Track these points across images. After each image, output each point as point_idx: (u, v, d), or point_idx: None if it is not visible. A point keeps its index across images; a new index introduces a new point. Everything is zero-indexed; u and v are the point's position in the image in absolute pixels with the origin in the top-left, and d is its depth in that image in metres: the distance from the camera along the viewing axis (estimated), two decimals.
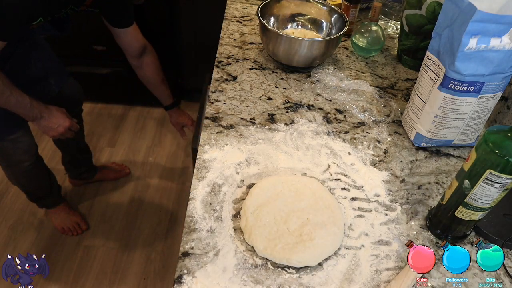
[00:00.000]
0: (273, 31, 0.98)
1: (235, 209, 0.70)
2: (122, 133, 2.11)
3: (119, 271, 1.56)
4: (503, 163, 0.54)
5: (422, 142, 0.85)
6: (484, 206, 0.61)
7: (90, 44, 1.95)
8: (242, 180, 0.75)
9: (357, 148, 0.84)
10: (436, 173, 0.81)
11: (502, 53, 0.69)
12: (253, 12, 1.26)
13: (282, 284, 0.60)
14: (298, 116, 0.90)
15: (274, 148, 0.81)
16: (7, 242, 1.60)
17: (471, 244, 0.69)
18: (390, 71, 1.08)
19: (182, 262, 0.61)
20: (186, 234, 0.65)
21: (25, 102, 1.04)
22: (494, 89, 0.75)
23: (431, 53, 0.78)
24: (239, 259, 0.63)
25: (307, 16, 1.12)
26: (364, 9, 1.29)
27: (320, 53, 0.99)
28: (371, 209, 0.72)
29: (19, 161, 1.34)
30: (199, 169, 0.75)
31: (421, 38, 1.02)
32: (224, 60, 1.04)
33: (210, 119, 0.86)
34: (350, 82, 1.01)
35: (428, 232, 0.70)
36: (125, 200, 1.80)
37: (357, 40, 1.09)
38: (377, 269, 0.63)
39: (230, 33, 1.15)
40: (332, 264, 0.63)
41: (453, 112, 0.77)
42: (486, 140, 0.56)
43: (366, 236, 0.68)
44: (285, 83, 0.99)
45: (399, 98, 0.99)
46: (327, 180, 0.77)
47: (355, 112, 0.93)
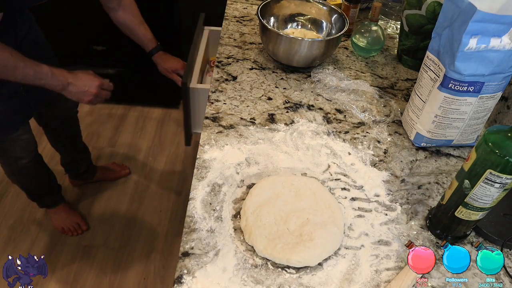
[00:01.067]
0: (273, 31, 0.98)
1: (235, 209, 0.70)
2: (122, 133, 2.11)
3: (119, 271, 1.56)
4: (503, 163, 0.54)
5: (422, 142, 0.85)
6: (484, 206, 0.61)
7: (90, 44, 1.95)
8: (242, 180, 0.75)
9: (357, 148, 0.84)
10: (436, 173, 0.81)
11: (502, 53, 0.69)
12: (253, 12, 1.26)
13: (282, 284, 0.60)
14: (298, 116, 0.90)
15: (274, 148, 0.81)
16: (7, 242, 1.60)
17: (471, 244, 0.69)
18: (390, 71, 1.08)
19: (182, 262, 0.61)
20: (186, 234, 0.65)
21: (44, 71, 0.98)
22: (494, 89, 0.75)
23: (431, 53, 0.78)
24: (239, 259, 0.63)
25: (307, 16, 1.12)
26: (364, 9, 1.29)
27: (320, 53, 0.99)
28: (371, 209, 0.72)
29: (18, 158, 1.33)
30: (199, 169, 0.75)
31: (421, 38, 1.02)
32: (224, 60, 1.04)
33: (210, 119, 0.86)
34: (350, 82, 1.01)
35: (428, 232, 0.70)
36: (125, 200, 1.80)
37: (357, 40, 1.10)
38: (377, 269, 0.63)
39: (230, 33, 1.15)
40: (332, 264, 0.63)
41: (453, 112, 0.77)
42: (486, 140, 0.56)
43: (366, 236, 0.68)
44: (285, 83, 0.99)
45: (399, 98, 0.99)
46: (327, 180, 0.77)
47: (355, 112, 0.93)
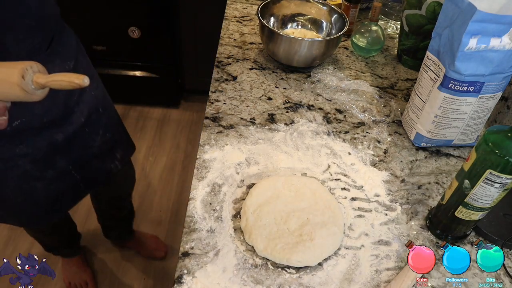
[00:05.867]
0: (273, 31, 0.98)
1: (235, 209, 0.70)
2: None
3: (119, 271, 1.56)
4: (503, 163, 0.54)
5: (422, 142, 0.85)
6: (484, 206, 0.61)
7: (90, 44, 1.95)
8: (242, 180, 0.75)
9: (357, 148, 0.84)
10: (436, 173, 0.81)
11: (502, 53, 0.69)
12: (253, 12, 1.26)
13: (282, 284, 0.60)
14: (298, 116, 0.90)
15: (274, 148, 0.81)
16: (7, 242, 1.60)
17: (471, 244, 0.69)
18: (390, 71, 1.08)
19: (182, 262, 0.61)
20: (186, 234, 0.65)
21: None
22: (494, 89, 0.75)
23: (431, 53, 0.78)
24: (239, 259, 0.63)
25: (307, 16, 1.12)
26: (364, 9, 1.29)
27: (320, 53, 0.99)
28: (371, 209, 0.72)
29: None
30: (199, 169, 0.75)
31: (421, 38, 1.02)
32: (224, 60, 1.04)
33: (210, 119, 0.86)
34: (350, 82, 1.01)
35: (428, 232, 0.70)
36: None
37: (357, 40, 1.09)
38: (377, 269, 0.63)
39: (230, 33, 1.15)
40: (332, 264, 0.63)
41: (453, 112, 0.77)
42: (486, 140, 0.56)
43: (366, 236, 0.68)
44: (285, 83, 0.99)
45: (399, 98, 0.99)
46: (327, 180, 0.77)
47: (355, 112, 0.93)
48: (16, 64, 0.52)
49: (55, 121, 0.83)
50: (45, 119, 0.80)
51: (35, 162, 0.84)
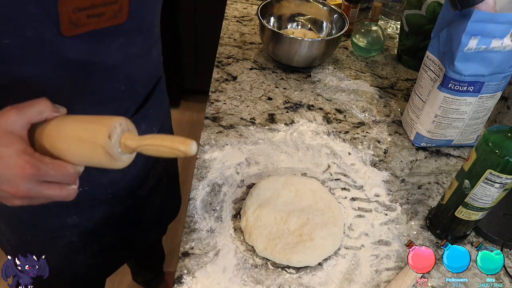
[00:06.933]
0: (273, 31, 0.98)
1: (235, 209, 0.70)
2: None
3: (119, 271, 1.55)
4: (503, 163, 0.54)
5: (422, 142, 0.85)
6: (484, 206, 0.61)
7: None
8: (242, 180, 0.75)
9: (357, 148, 0.84)
10: (436, 173, 0.81)
11: (502, 54, 0.69)
12: (253, 12, 1.26)
13: (282, 284, 0.60)
14: (298, 116, 0.90)
15: (274, 148, 0.81)
16: None
17: (471, 244, 0.69)
18: (390, 71, 1.08)
19: (182, 262, 0.61)
20: (186, 234, 0.65)
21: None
22: (494, 89, 0.75)
23: (431, 53, 0.78)
24: (239, 259, 0.63)
25: (307, 16, 1.12)
26: (364, 9, 1.29)
27: (320, 53, 0.99)
28: (371, 209, 0.72)
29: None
30: (199, 169, 0.75)
31: (421, 38, 1.02)
32: (224, 60, 1.04)
33: (210, 119, 0.86)
34: (350, 82, 1.01)
35: (428, 232, 0.70)
36: None
37: (357, 40, 1.10)
38: (377, 269, 0.63)
39: (230, 33, 1.15)
40: (332, 264, 0.63)
41: (453, 112, 0.77)
42: (486, 140, 0.56)
43: (366, 236, 0.68)
44: (285, 83, 0.99)
45: (399, 98, 0.99)
46: (327, 180, 0.77)
47: (355, 112, 0.93)
48: (102, 119, 0.39)
49: (120, 194, 0.69)
50: (110, 190, 0.66)
51: (82, 234, 0.71)
